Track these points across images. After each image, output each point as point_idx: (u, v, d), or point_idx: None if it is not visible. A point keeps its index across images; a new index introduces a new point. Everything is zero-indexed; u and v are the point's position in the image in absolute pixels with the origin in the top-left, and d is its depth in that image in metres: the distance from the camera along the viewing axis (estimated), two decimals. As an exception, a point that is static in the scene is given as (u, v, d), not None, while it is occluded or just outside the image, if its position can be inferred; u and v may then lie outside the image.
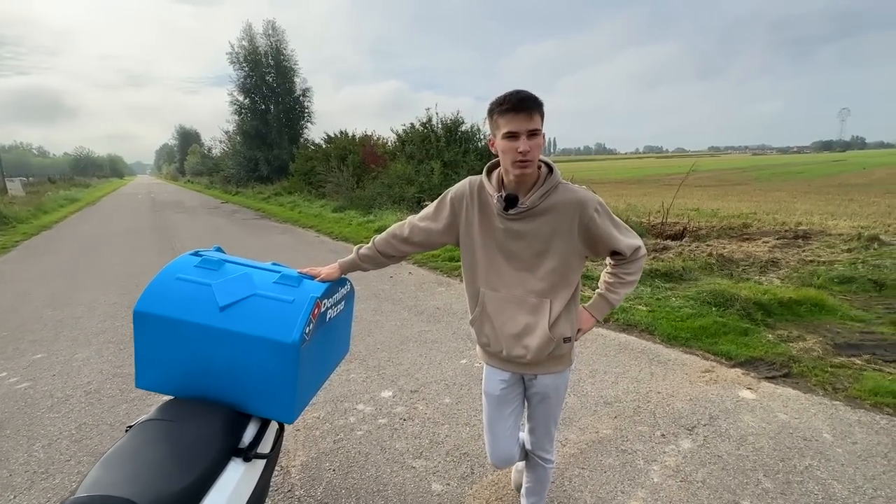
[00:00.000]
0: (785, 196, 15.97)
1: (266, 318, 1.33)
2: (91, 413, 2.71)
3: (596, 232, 1.34)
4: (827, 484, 1.98)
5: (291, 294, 1.40)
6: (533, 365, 1.43)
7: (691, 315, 3.94)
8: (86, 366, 3.37)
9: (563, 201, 1.32)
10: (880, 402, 2.60)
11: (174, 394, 1.43)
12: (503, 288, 1.40)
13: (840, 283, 4.97)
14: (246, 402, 1.37)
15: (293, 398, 1.35)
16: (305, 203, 15.32)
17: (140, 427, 1.23)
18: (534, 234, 1.34)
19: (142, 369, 1.41)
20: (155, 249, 8.29)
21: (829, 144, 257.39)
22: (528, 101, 1.22)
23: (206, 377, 1.37)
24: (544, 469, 1.62)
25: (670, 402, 2.68)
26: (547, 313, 1.36)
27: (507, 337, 1.41)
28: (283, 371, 1.32)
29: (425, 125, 13.86)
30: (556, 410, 1.53)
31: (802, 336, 3.56)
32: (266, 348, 1.31)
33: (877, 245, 6.62)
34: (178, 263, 1.47)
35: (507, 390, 1.51)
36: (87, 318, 4.46)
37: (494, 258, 1.40)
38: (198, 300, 1.36)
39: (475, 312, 1.47)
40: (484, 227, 1.40)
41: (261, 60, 28.65)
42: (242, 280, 1.42)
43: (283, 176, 25.72)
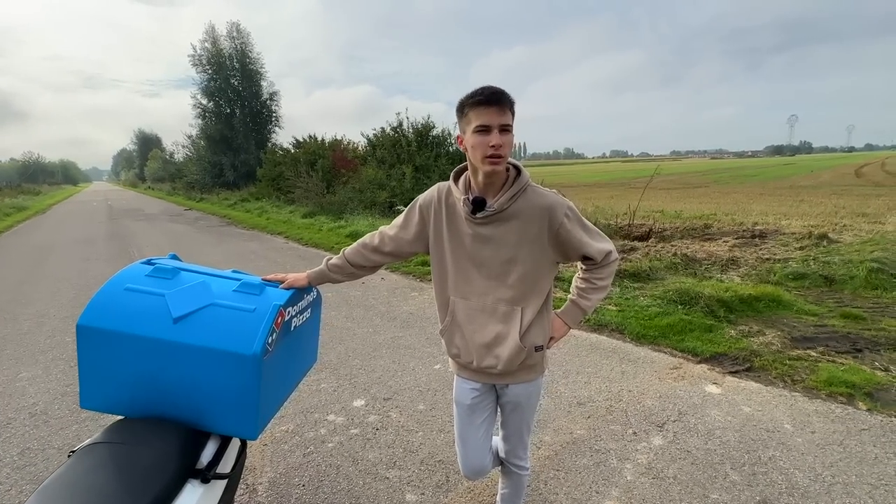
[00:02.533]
0: (742, 198, 16.74)
1: (224, 329, 1.26)
2: (36, 437, 2.51)
3: (566, 237, 1.31)
4: (789, 473, 2.05)
5: (252, 303, 1.33)
6: (504, 375, 1.39)
7: (659, 314, 4.04)
8: (31, 385, 3.13)
9: (532, 205, 1.28)
10: (834, 392, 2.73)
11: (124, 413, 1.33)
12: (473, 296, 1.36)
13: (794, 280, 5.23)
14: (204, 419, 1.29)
15: (255, 413, 1.28)
16: (274, 209, 14.93)
17: (83, 452, 1.13)
18: (502, 239, 1.30)
19: (87, 388, 1.31)
20: (111, 260, 7.86)
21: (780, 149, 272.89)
22: (500, 94, 1.18)
23: (160, 394, 1.28)
24: (519, 476, 1.59)
25: (641, 399, 2.72)
26: (518, 322, 1.33)
27: (477, 347, 1.37)
28: (245, 385, 1.25)
29: (396, 130, 13.80)
30: (530, 418, 1.51)
31: (762, 331, 3.71)
32: (225, 361, 1.23)
33: (826, 243, 7.02)
34: (128, 273, 1.37)
35: (479, 399, 1.46)
36: (35, 334, 4.16)
37: (464, 266, 1.36)
38: (149, 312, 1.27)
39: (445, 322, 1.42)
40: (452, 234, 1.36)
41: (225, 63, 27.85)
42: (199, 289, 1.33)
43: (250, 181, 25.01)
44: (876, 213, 10.73)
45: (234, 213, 15.54)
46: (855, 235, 7.66)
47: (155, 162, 54.08)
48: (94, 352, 1.27)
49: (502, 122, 1.18)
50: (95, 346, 1.26)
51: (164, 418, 1.29)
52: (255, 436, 1.31)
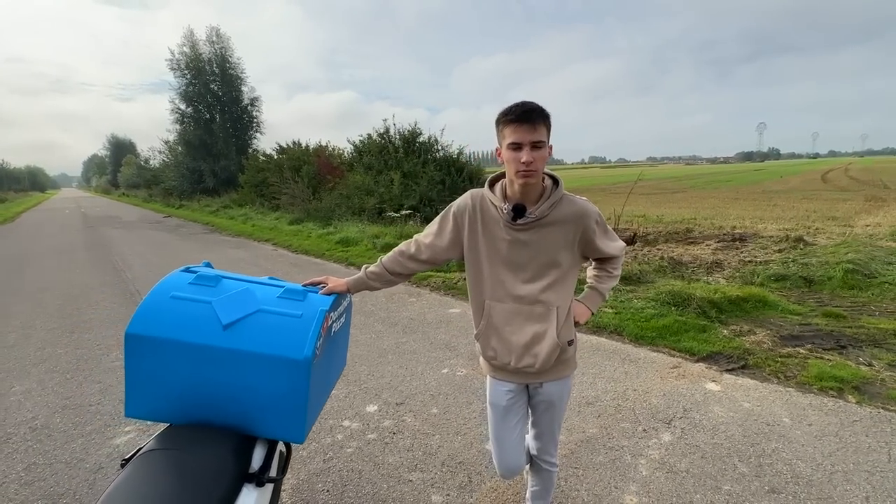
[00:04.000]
0: (718, 202, 17.33)
1: (274, 335, 1.28)
2: (41, 451, 2.44)
3: (594, 242, 1.41)
4: (793, 464, 2.16)
5: (298, 308, 1.36)
6: (540, 373, 1.45)
7: (654, 315, 4.18)
8: (27, 399, 3.04)
9: (568, 213, 1.37)
10: (825, 387, 2.88)
11: (170, 421, 1.33)
12: (509, 299, 1.41)
13: (776, 281, 5.46)
14: (253, 424, 1.30)
15: (303, 417, 1.30)
16: (258, 216, 14.72)
17: (141, 460, 1.13)
18: (539, 244, 1.37)
19: (133, 397, 1.31)
20: (93, 268, 7.63)
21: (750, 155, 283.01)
22: (532, 112, 1.25)
23: (209, 400, 1.29)
24: (549, 473, 1.65)
25: (646, 398, 2.82)
26: (555, 321, 1.39)
27: (516, 347, 1.42)
28: (294, 389, 1.27)
29: (383, 136, 13.83)
30: (561, 416, 1.57)
31: (752, 330, 3.88)
32: (276, 366, 1.25)
33: (802, 245, 7.35)
34: (171, 281, 1.38)
35: (514, 400, 1.51)
36: (22, 347, 4.02)
37: (499, 270, 1.41)
38: (198, 319, 1.29)
39: (481, 326, 1.47)
40: (488, 240, 1.41)
41: (204, 68, 27.42)
42: (245, 296, 1.35)
43: (231, 188, 24.57)
44: (845, 217, 11.28)
45: (217, 220, 15.24)
46: (828, 238, 8.04)
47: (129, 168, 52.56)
48: (143, 360, 1.27)
49: (533, 140, 1.25)
50: (144, 355, 1.27)
51: (211, 424, 1.30)
52: (302, 439, 1.33)
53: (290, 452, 1.47)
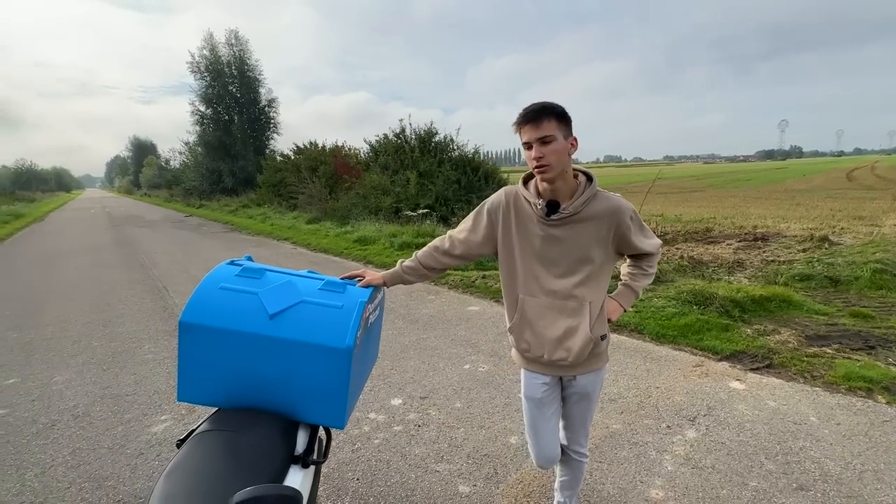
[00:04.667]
0: (738, 202, 17.01)
1: (317, 325, 1.34)
2: (84, 437, 2.56)
3: (630, 239, 1.42)
4: (821, 462, 2.15)
5: (339, 300, 1.42)
6: (574, 366, 1.47)
7: (675, 314, 4.15)
8: (68, 389, 3.18)
9: (601, 209, 1.38)
10: (854, 387, 2.85)
11: (219, 405, 1.41)
12: (542, 294, 1.44)
13: (800, 281, 5.37)
14: (296, 409, 1.37)
15: (344, 403, 1.36)
16: (277, 215, 14.97)
17: (197, 439, 1.21)
18: (573, 239, 1.40)
19: (185, 382, 1.38)
20: (121, 266, 7.88)
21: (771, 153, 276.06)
22: (535, 111, 1.30)
23: (254, 386, 1.36)
24: (579, 463, 1.68)
25: (670, 395, 2.83)
26: (587, 316, 1.41)
27: (549, 341, 1.44)
28: (336, 376, 1.33)
29: (399, 136, 13.92)
30: (593, 407, 1.60)
31: (777, 330, 3.84)
32: (319, 354, 1.32)
33: (827, 245, 7.19)
34: (219, 273, 1.46)
35: (548, 392, 1.54)
36: (60, 339, 4.20)
37: (533, 265, 1.44)
38: (246, 309, 1.36)
39: (514, 319, 1.50)
40: (522, 235, 1.45)
41: (224, 70, 27.98)
42: (288, 287, 1.42)
43: (249, 188, 25.03)
44: (872, 216, 10.97)
45: (236, 220, 15.56)
46: (854, 237, 7.84)
47: (150, 169, 53.93)
48: (195, 347, 1.35)
49: (539, 136, 1.29)
50: (196, 342, 1.34)
51: (257, 409, 1.37)
52: (342, 425, 1.39)
53: (330, 438, 1.53)
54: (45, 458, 2.39)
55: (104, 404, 2.94)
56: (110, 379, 3.32)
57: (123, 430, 2.63)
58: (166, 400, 2.97)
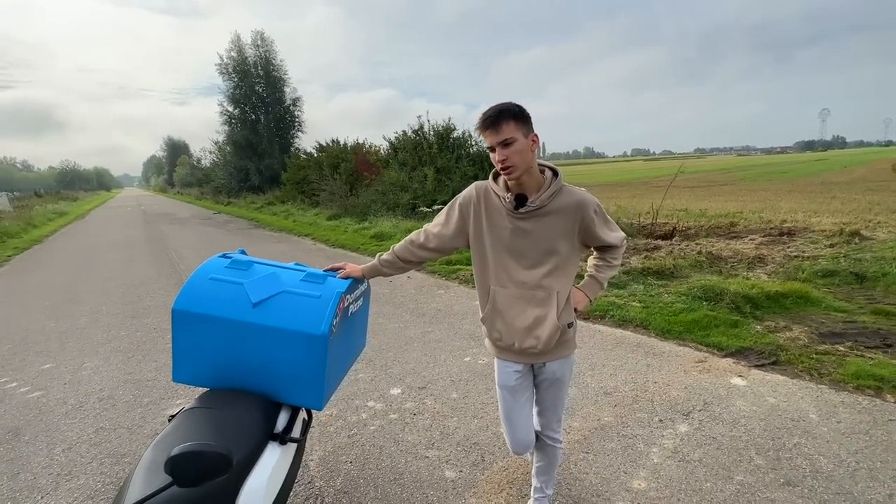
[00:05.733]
0: (769, 195, 16.34)
1: (296, 313, 1.44)
2: (107, 418, 2.77)
3: (593, 231, 1.48)
4: (813, 459, 2.12)
5: (318, 290, 1.51)
6: (543, 353, 1.53)
7: (683, 310, 4.10)
8: (96, 374, 3.43)
9: (567, 203, 1.44)
10: (862, 385, 2.77)
11: (209, 385, 1.53)
12: (512, 285, 1.50)
13: (823, 277, 5.17)
14: (278, 391, 1.48)
15: (322, 386, 1.46)
16: (299, 212, 15.37)
17: (185, 414, 1.33)
18: (540, 232, 1.45)
19: (179, 364, 1.51)
20: (152, 260, 8.30)
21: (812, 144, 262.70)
22: (492, 116, 1.35)
23: (241, 369, 1.48)
24: (553, 449, 1.73)
25: (666, 390, 2.82)
26: (555, 305, 1.47)
27: (518, 330, 1.50)
28: (314, 361, 1.43)
29: (417, 132, 14.03)
30: (564, 393, 1.65)
31: (789, 326, 3.74)
32: (297, 340, 1.42)
33: (857, 240, 6.88)
34: (210, 265, 1.58)
35: (521, 380, 1.60)
36: (92, 329, 4.50)
37: (503, 257, 1.50)
38: (232, 298, 1.47)
39: (486, 310, 1.56)
40: (492, 229, 1.51)
41: (250, 71, 28.74)
42: (271, 279, 1.53)
43: (274, 185, 25.73)
44: (913, 210, 10.38)
45: (261, 217, 16.06)
46: (889, 233, 7.46)
47: (183, 168, 56.08)
48: (186, 332, 1.47)
49: (499, 140, 1.34)
50: (187, 328, 1.47)
51: (243, 390, 1.48)
52: (321, 406, 1.49)
53: (311, 419, 1.64)
54: (72, 435, 2.60)
55: (126, 388, 3.16)
56: (134, 366, 3.56)
57: (142, 413, 2.83)
58: (182, 385, 3.16)
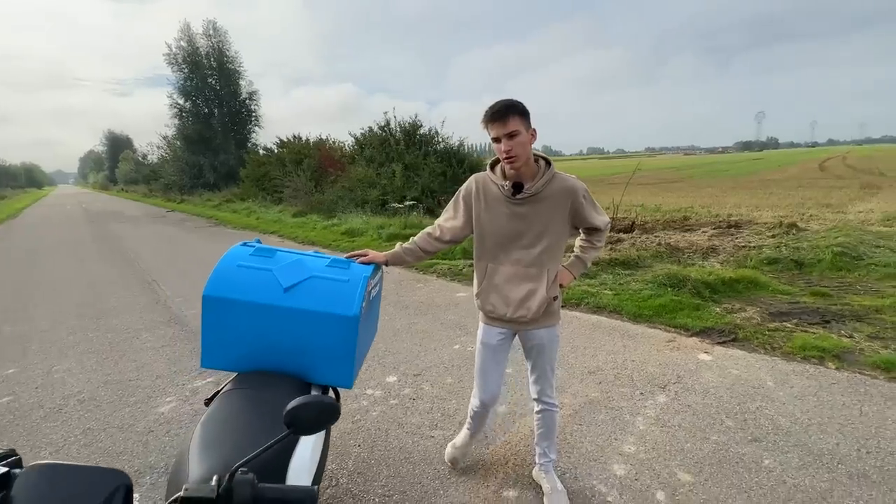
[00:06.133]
0: (716, 192, 17.55)
1: (327, 296, 1.51)
2: (94, 419, 2.68)
3: (583, 213, 1.66)
4: (774, 418, 2.41)
5: (345, 275, 1.59)
6: (532, 322, 1.72)
7: (651, 296, 4.42)
8: (70, 377, 3.27)
9: (559, 188, 1.62)
10: (808, 356, 3.14)
11: (237, 370, 1.56)
12: (508, 263, 1.68)
13: (768, 264, 5.71)
14: (309, 371, 1.54)
15: (352, 365, 1.54)
16: (262, 209, 14.92)
17: (225, 396, 1.37)
18: (535, 215, 1.63)
19: (208, 349, 1.54)
20: (108, 260, 7.84)
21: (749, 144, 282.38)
22: (501, 109, 1.50)
23: (271, 352, 1.52)
24: (551, 413, 1.88)
25: (643, 367, 3.07)
26: (545, 280, 1.66)
27: (512, 302, 1.68)
28: (345, 341, 1.50)
29: (383, 128, 13.98)
30: (553, 358, 1.82)
31: (743, 308, 4.13)
32: (330, 322, 1.49)
33: (795, 231, 7.59)
34: (235, 253, 1.61)
35: (502, 342, 1.79)
36: (55, 331, 4.25)
37: (501, 239, 1.68)
38: (262, 283, 1.52)
39: (483, 285, 1.74)
40: (490, 214, 1.68)
41: (202, 62, 27.43)
42: (298, 265, 1.58)
43: (231, 182, 24.74)
44: (839, 204, 11.52)
45: (220, 214, 15.44)
46: (821, 224, 8.28)
47: (127, 164, 52.60)
48: (217, 318, 1.50)
49: (506, 132, 1.50)
50: (218, 313, 1.50)
51: (274, 372, 1.53)
52: (350, 384, 1.57)
53: (339, 399, 1.70)
54: (57, 437, 2.51)
55: (108, 389, 3.05)
56: (111, 366, 3.42)
57: (131, 412, 2.75)
58: (170, 383, 3.09)
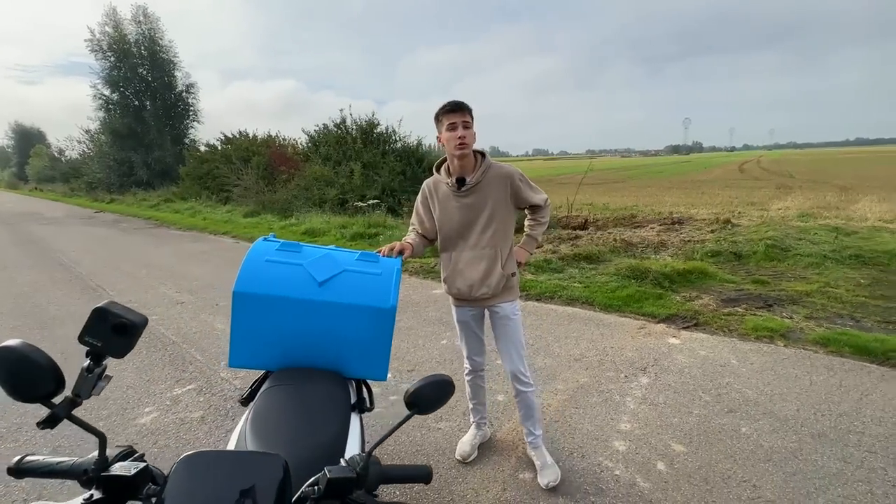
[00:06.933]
0: (655, 191, 18.87)
1: (363, 289, 1.51)
2: (63, 435, 2.45)
3: (521, 194, 1.87)
4: (742, 391, 2.70)
5: (376, 268, 1.59)
6: (493, 297, 1.91)
7: (618, 287, 4.72)
8: None
9: (496, 175, 1.82)
10: (760, 336, 3.51)
11: (267, 368, 1.52)
12: (467, 249, 1.88)
13: (712, 256, 6.26)
14: (342, 365, 1.53)
15: (387, 358, 1.55)
16: (207, 209, 14.06)
17: (268, 392, 1.33)
18: (481, 203, 1.82)
19: (237, 348, 1.48)
20: (36, 265, 7.07)
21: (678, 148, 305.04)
22: (462, 103, 1.75)
23: (305, 347, 1.50)
24: (527, 395, 1.99)
25: (622, 352, 3.29)
26: (499, 259, 1.86)
27: (475, 281, 1.87)
28: (382, 333, 1.51)
29: (339, 126, 13.69)
30: (519, 333, 1.96)
31: (699, 296, 4.52)
32: (368, 315, 1.49)
33: (730, 226, 8.37)
34: (260, 248, 1.56)
35: (475, 318, 2.01)
36: (-9, 345, 3.79)
37: (457, 228, 1.87)
38: (295, 278, 1.49)
39: (448, 270, 1.93)
40: (444, 209, 1.88)
41: (131, 50, 25.32)
42: (328, 259, 1.57)
43: (168, 180, 23.06)
44: (761, 202, 12.81)
45: (160, 215, 14.36)
46: (749, 220, 9.18)
47: (40, 160, 47.29)
48: (248, 315, 1.45)
49: (464, 120, 1.73)
50: (249, 310, 1.45)
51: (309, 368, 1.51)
52: (385, 377, 1.58)
53: (371, 394, 1.70)
54: (22, 458, 2.27)
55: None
56: (69, 380, 3.12)
57: (105, 426, 2.55)
58: (145, 393, 2.89)
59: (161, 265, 6.86)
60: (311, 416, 1.27)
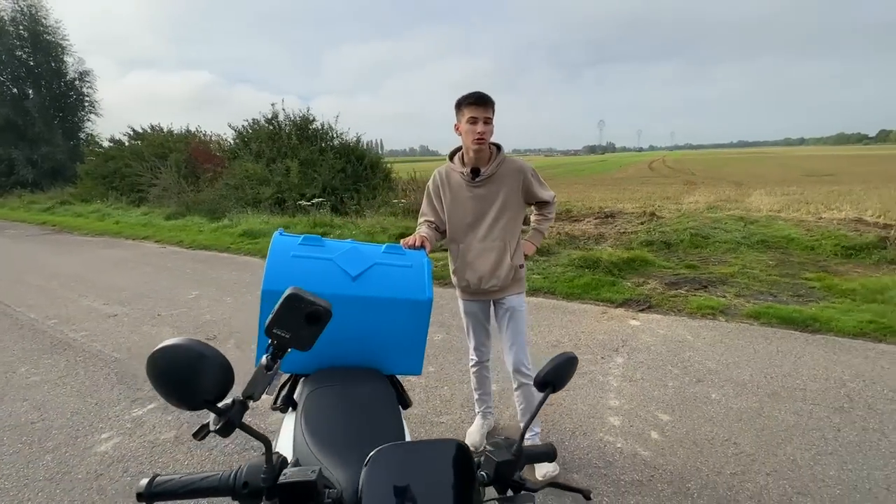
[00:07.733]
0: (581, 188, 20.17)
1: (397, 282, 1.46)
2: (3, 475, 2.08)
3: (532, 189, 1.91)
4: (703, 363, 3.01)
5: (406, 260, 1.55)
6: (501, 290, 1.94)
7: (574, 276, 5.00)
8: (-72, 431, 2.46)
9: (510, 169, 1.86)
10: (705, 313, 3.93)
11: (299, 371, 1.42)
12: (476, 241, 1.89)
13: (646, 245, 6.84)
14: (377, 361, 1.47)
15: (423, 352, 1.52)
16: (118, 212, 12.56)
17: (314, 395, 1.25)
18: (493, 195, 1.85)
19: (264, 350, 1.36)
20: None
21: (594, 148, 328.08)
22: (486, 97, 1.73)
23: (339, 345, 1.42)
24: (528, 387, 2.03)
25: (593, 336, 3.51)
26: (509, 251, 1.89)
27: (484, 273, 1.89)
28: (418, 326, 1.48)
29: (271, 122, 12.93)
30: (522, 325, 2.00)
31: (646, 281, 4.94)
32: (406, 308, 1.45)
33: (655, 219, 9.20)
34: (282, 243, 1.45)
35: (482, 310, 2.05)
36: None
37: (468, 220, 1.88)
38: (326, 273, 1.40)
39: (457, 262, 1.93)
40: (455, 199, 1.88)
41: (7, 29, 21.82)
42: (356, 252, 1.50)
43: (60, 180, 20.25)
44: (674, 196, 14.23)
45: (58, 219, 12.55)
46: (669, 213, 10.17)
47: None
48: (279, 315, 1.34)
49: (486, 116, 1.74)
50: (281, 309, 1.34)
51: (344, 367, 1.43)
52: (420, 371, 1.54)
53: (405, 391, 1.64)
54: (-47, 508, 1.90)
55: (4, 438, 2.38)
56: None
57: (54, 458, 2.21)
58: (98, 418, 2.55)
59: (75, 275, 6.03)
60: (368, 416, 1.22)
